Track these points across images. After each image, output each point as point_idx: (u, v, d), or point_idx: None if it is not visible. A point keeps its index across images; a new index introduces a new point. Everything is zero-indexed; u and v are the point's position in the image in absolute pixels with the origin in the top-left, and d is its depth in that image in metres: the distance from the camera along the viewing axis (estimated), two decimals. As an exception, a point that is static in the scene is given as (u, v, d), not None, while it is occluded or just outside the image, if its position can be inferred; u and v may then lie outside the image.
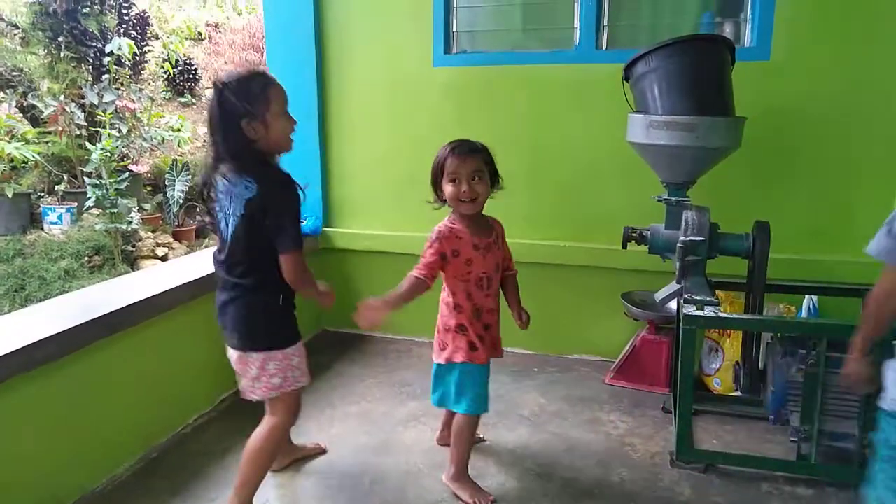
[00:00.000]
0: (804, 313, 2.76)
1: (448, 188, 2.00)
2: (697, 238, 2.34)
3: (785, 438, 2.39)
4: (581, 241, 3.15)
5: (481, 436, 2.48)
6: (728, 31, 3.01)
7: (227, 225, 1.84)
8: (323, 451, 2.40)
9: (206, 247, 6.96)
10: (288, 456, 2.30)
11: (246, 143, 1.73)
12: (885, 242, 1.48)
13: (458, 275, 2.04)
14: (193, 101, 9.13)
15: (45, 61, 7.15)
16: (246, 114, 1.70)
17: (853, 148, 2.80)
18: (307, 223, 3.31)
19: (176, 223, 7.11)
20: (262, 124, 1.73)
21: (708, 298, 2.25)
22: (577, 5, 3.05)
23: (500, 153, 3.15)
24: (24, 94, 6.90)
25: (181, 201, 7.07)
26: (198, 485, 2.21)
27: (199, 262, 2.88)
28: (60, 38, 7.03)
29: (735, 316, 2.57)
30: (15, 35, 7.21)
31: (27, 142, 6.51)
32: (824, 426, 2.17)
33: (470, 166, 1.99)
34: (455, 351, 2.05)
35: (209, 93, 9.69)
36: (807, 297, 2.76)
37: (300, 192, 1.79)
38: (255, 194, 1.75)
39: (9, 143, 6.22)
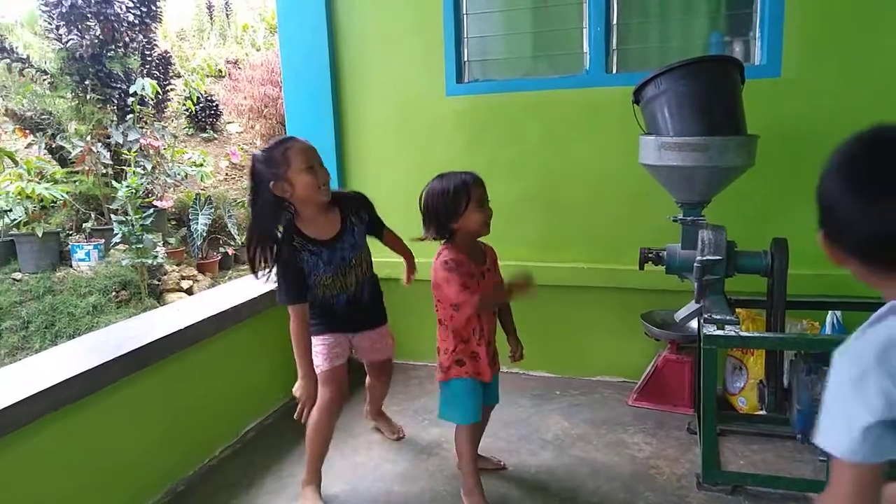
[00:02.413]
0: (828, 329, 2.73)
1: (477, 216, 2.05)
2: (714, 257, 2.33)
3: (814, 458, 2.36)
4: (598, 262, 3.16)
5: (503, 462, 2.47)
6: (737, 50, 3.03)
7: None
8: (400, 437, 2.72)
9: (229, 278, 7.07)
10: (374, 416, 2.77)
11: (277, 201, 2.04)
12: (855, 443, 0.99)
13: None
14: (215, 135, 9.35)
15: (73, 104, 7.39)
16: (271, 177, 2.00)
17: (870, 161, 2.78)
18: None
19: (200, 256, 7.24)
20: (287, 183, 2.01)
21: (728, 317, 2.23)
22: (585, 31, 3.09)
23: (515, 177, 3.22)
24: (53, 136, 7.12)
25: (205, 234, 7.21)
26: (224, 517, 2.23)
27: (222, 296, 2.94)
28: (87, 81, 7.27)
29: (756, 334, 2.54)
30: (44, 80, 7.47)
31: (56, 182, 6.71)
32: (853, 444, 2.12)
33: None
34: (450, 369, 2.13)
35: (230, 127, 9.92)
36: (830, 312, 2.72)
37: (282, 250, 2.09)
38: None
39: (38, 183, 6.41)
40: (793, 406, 2.35)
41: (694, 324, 2.68)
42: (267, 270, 2.10)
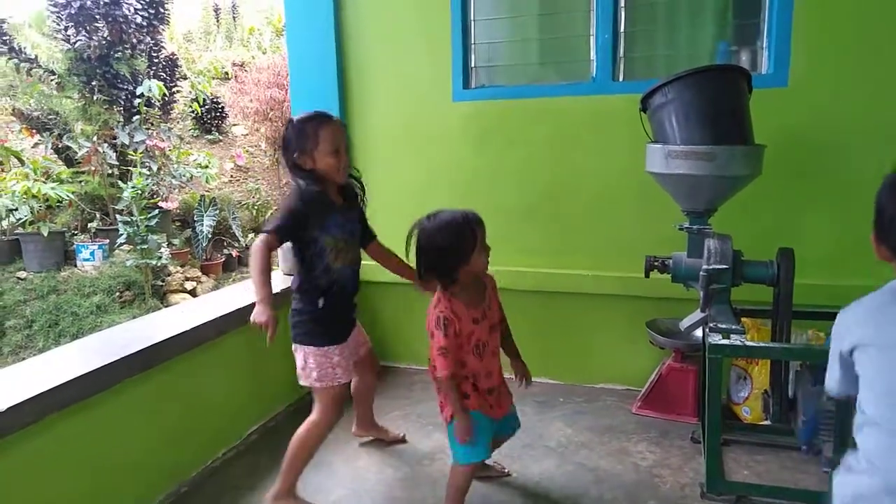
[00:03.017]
0: (833, 340, 2.72)
1: (482, 259, 1.97)
2: (720, 266, 2.33)
3: (818, 469, 2.35)
4: (603, 269, 3.16)
5: (506, 469, 2.46)
6: (744, 59, 3.03)
7: None
8: (402, 441, 2.71)
9: (233, 280, 7.09)
10: (367, 430, 2.70)
11: (300, 169, 2.09)
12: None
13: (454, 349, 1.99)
14: (220, 138, 9.38)
15: (79, 104, 7.43)
16: (297, 148, 2.07)
17: (875, 170, 2.77)
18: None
19: (204, 257, 7.26)
20: (310, 158, 2.08)
21: (733, 326, 2.23)
22: (593, 38, 3.10)
23: (521, 185, 3.22)
24: (60, 136, 7.16)
25: (209, 236, 7.23)
26: (227, 519, 2.23)
27: (226, 298, 2.94)
28: (94, 82, 7.31)
29: (761, 344, 2.53)
30: (51, 80, 7.51)
31: (62, 182, 6.74)
32: (858, 456, 2.12)
33: None
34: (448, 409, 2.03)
35: (235, 130, 9.93)
36: (836, 323, 2.72)
37: (312, 197, 2.08)
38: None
39: (45, 183, 6.43)
40: (797, 417, 2.35)
41: (699, 332, 2.68)
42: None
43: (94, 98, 7.26)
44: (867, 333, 1.31)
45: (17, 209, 6.21)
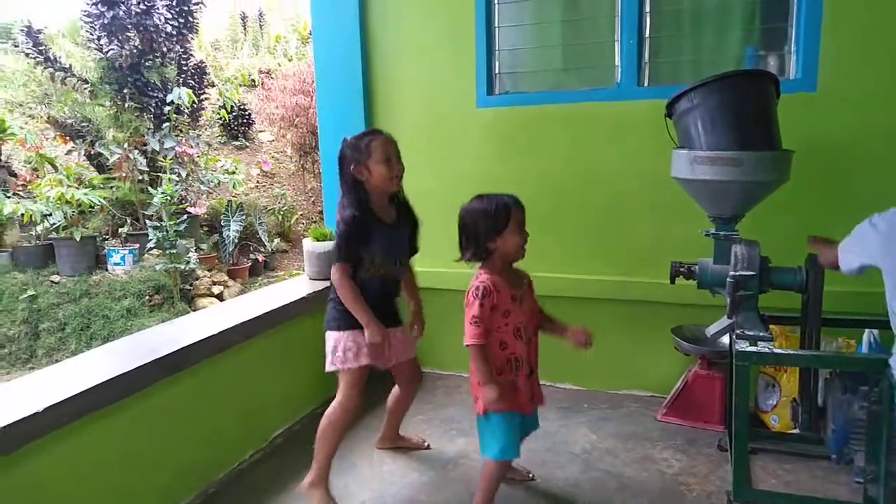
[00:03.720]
0: (864, 348, 2.67)
1: (516, 238, 2.05)
2: (748, 273, 2.31)
3: (849, 479, 2.31)
4: (629, 275, 3.14)
5: (531, 474, 2.46)
6: (772, 63, 3.00)
7: None
8: (426, 448, 2.74)
9: (259, 285, 7.18)
10: (391, 442, 2.73)
11: (356, 182, 2.23)
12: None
13: (493, 327, 2.04)
14: (247, 144, 9.52)
15: (111, 112, 7.61)
16: (353, 161, 2.21)
17: (909, 176, 2.73)
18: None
19: (231, 262, 7.36)
20: (365, 169, 2.21)
21: (761, 333, 2.20)
22: (618, 44, 3.10)
23: (545, 190, 3.22)
24: (92, 143, 7.34)
25: (236, 241, 7.34)
26: (254, 521, 2.26)
27: (253, 302, 2.99)
28: (125, 90, 7.48)
29: (790, 352, 2.50)
30: (84, 89, 7.70)
31: (94, 188, 6.90)
32: (892, 467, 2.08)
33: None
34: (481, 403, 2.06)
35: (262, 136, 10.08)
36: (867, 330, 2.66)
37: (352, 220, 2.20)
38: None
39: (77, 189, 6.59)
40: (827, 426, 2.31)
41: (725, 339, 2.65)
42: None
43: (126, 106, 7.43)
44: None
45: (51, 214, 6.38)
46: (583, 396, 3.24)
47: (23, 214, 6.23)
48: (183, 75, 8.12)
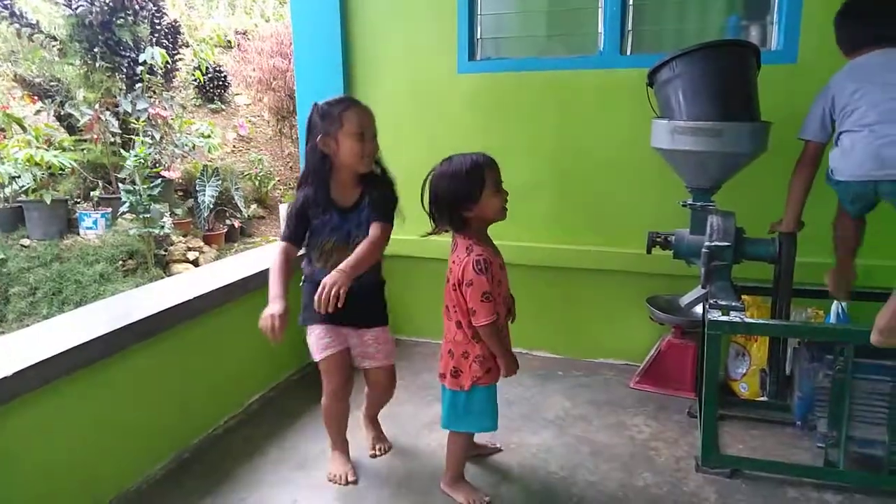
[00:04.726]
0: (832, 318, 2.73)
1: (495, 200, 1.95)
2: (723, 243, 2.33)
3: (812, 444, 2.38)
4: (607, 245, 3.16)
5: (497, 445, 2.49)
6: (754, 34, 2.99)
7: None
8: (376, 455, 2.46)
9: (235, 251, 7.11)
10: (366, 425, 2.53)
11: (321, 155, 2.03)
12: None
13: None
14: (223, 107, 9.32)
15: (81, 71, 7.37)
16: (322, 130, 2.01)
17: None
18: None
19: (206, 227, 7.27)
20: (333, 140, 2.01)
21: (733, 303, 2.24)
22: (601, 10, 3.06)
23: (525, 158, 3.20)
24: (62, 104, 7.12)
25: (211, 206, 7.23)
26: (229, 485, 2.27)
27: (229, 268, 2.96)
28: (96, 49, 7.24)
29: (760, 321, 2.55)
30: (53, 46, 7.44)
31: (64, 149, 6.72)
32: (852, 432, 2.15)
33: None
34: (480, 378, 2.02)
35: (238, 99, 9.86)
36: (835, 301, 2.73)
37: (303, 200, 2.11)
38: None
39: (47, 150, 6.42)
40: (794, 393, 2.37)
41: (699, 309, 2.69)
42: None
43: (97, 65, 7.20)
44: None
45: (19, 176, 6.21)
46: (559, 364, 3.28)
47: (-10, 176, 6.07)
48: (156, 34, 7.87)
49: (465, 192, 1.92)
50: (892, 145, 1.94)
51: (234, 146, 8.83)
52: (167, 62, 7.50)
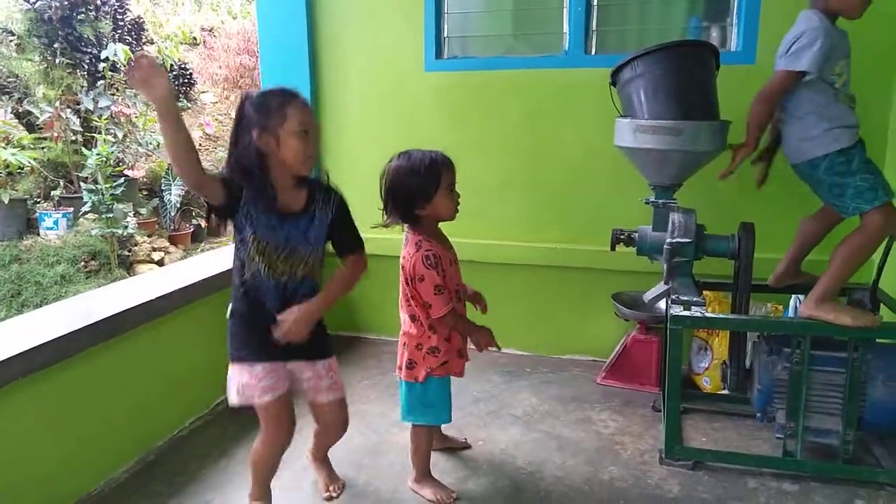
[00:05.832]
0: (791, 313, 2.81)
1: (448, 202, 1.97)
2: (684, 240, 2.38)
3: (771, 435, 2.44)
4: (572, 243, 3.20)
5: (465, 439, 2.51)
6: (714, 35, 3.06)
7: None
8: (332, 497, 2.21)
9: (202, 251, 7.00)
10: (316, 465, 2.28)
11: (257, 155, 1.72)
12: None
13: None
14: (189, 105, 9.16)
15: (41, 67, 7.18)
16: (258, 125, 1.70)
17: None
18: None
19: (172, 227, 7.14)
20: (273, 138, 1.71)
21: (694, 299, 2.29)
22: (566, 11, 3.09)
23: (492, 157, 3.22)
24: (20, 101, 6.93)
25: (177, 206, 7.10)
26: (194, 487, 2.24)
27: (193, 268, 2.92)
28: (56, 45, 7.06)
29: (720, 316, 2.61)
30: (10, 41, 7.24)
31: (23, 147, 6.54)
32: (809, 423, 2.21)
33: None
34: (435, 369, 2.06)
35: (204, 97, 9.71)
36: (793, 296, 2.80)
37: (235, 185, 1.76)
38: None
39: (4, 148, 6.24)
40: (753, 386, 2.43)
41: (662, 305, 2.74)
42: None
43: (57, 61, 7.03)
44: None
45: (-25, 175, 6.03)
46: (526, 361, 3.30)
47: (-56, 175, 5.88)
48: (119, 31, 7.71)
49: (421, 190, 1.94)
50: None
51: (200, 145, 8.68)
52: (130, 59, 7.34)
